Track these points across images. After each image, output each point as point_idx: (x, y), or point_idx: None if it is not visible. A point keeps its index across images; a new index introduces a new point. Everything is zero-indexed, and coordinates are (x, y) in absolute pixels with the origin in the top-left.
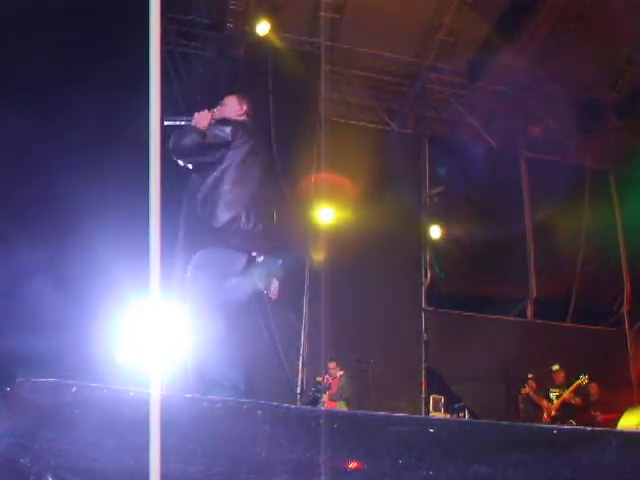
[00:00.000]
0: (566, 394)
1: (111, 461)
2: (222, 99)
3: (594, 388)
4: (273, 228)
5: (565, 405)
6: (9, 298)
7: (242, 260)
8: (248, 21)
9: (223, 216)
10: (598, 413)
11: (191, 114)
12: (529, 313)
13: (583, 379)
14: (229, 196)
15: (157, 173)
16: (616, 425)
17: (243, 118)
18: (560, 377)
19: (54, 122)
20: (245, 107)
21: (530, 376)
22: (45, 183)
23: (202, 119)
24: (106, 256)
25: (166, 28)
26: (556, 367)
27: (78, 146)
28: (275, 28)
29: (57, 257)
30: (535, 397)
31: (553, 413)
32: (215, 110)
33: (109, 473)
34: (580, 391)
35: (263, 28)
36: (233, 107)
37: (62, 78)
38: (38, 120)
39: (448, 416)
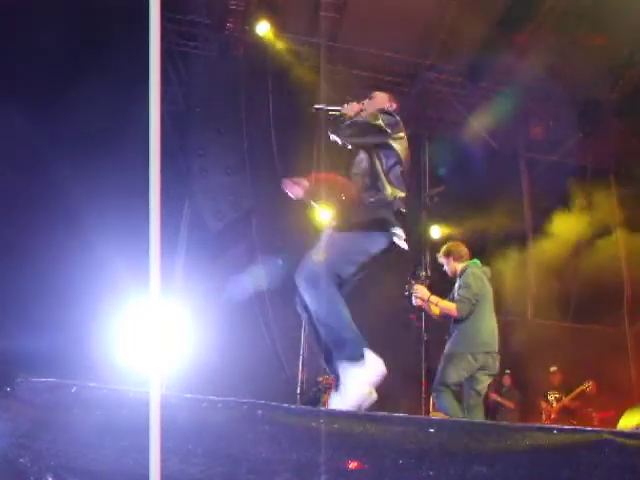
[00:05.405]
0: (566, 400)
1: (111, 461)
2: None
3: (593, 387)
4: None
5: (564, 409)
6: (9, 298)
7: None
8: (248, 21)
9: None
10: (592, 410)
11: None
12: (529, 313)
13: (587, 385)
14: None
15: (157, 172)
16: (614, 424)
17: None
18: (557, 379)
19: (53, 119)
20: (395, 106)
21: (553, 369)
22: (44, 182)
23: (351, 110)
24: (106, 255)
25: (166, 28)
26: (554, 369)
27: (77, 144)
28: (275, 28)
29: (56, 256)
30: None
31: (552, 416)
32: (365, 102)
33: (109, 473)
34: (580, 397)
35: (263, 28)
36: (383, 102)
37: (62, 76)
38: (37, 117)
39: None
